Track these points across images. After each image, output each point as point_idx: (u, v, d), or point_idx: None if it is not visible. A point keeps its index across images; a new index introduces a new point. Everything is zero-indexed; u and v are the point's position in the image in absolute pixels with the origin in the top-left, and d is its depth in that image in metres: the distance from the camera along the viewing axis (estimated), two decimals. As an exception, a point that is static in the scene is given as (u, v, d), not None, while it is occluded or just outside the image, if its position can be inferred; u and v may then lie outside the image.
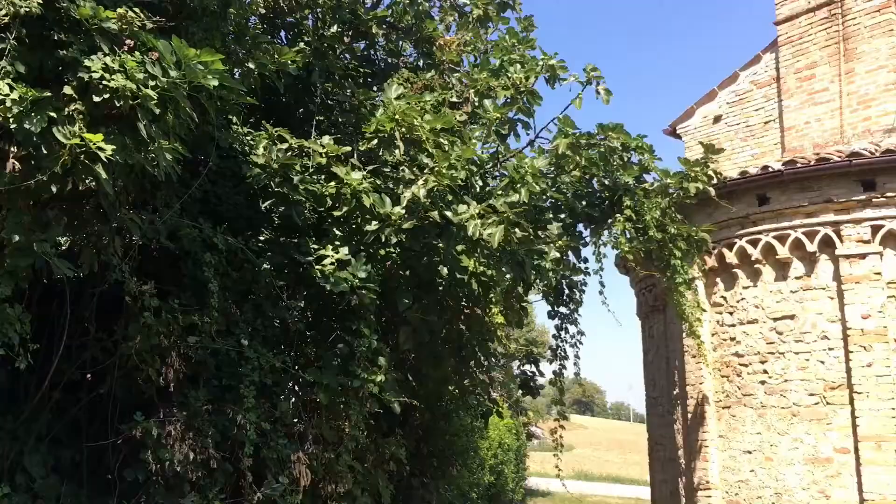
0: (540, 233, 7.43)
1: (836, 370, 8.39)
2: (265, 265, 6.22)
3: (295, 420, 6.51)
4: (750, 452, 8.91)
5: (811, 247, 8.69)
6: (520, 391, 10.60)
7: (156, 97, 4.10)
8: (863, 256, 8.36)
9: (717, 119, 13.03)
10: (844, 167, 8.46)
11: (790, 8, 11.92)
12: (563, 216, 7.51)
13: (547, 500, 27.40)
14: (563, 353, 8.86)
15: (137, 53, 4.21)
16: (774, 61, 12.16)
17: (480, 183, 7.09)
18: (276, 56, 5.88)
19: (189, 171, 5.77)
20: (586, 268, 8.31)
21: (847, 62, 11.11)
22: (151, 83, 4.12)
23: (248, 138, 6.31)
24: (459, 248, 6.55)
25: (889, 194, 8.32)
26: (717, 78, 13.10)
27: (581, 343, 8.30)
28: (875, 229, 8.37)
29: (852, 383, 8.19)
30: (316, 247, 6.26)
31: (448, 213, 6.42)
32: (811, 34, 11.64)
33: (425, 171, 6.09)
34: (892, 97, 10.59)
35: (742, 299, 9.26)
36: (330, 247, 6.19)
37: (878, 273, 8.30)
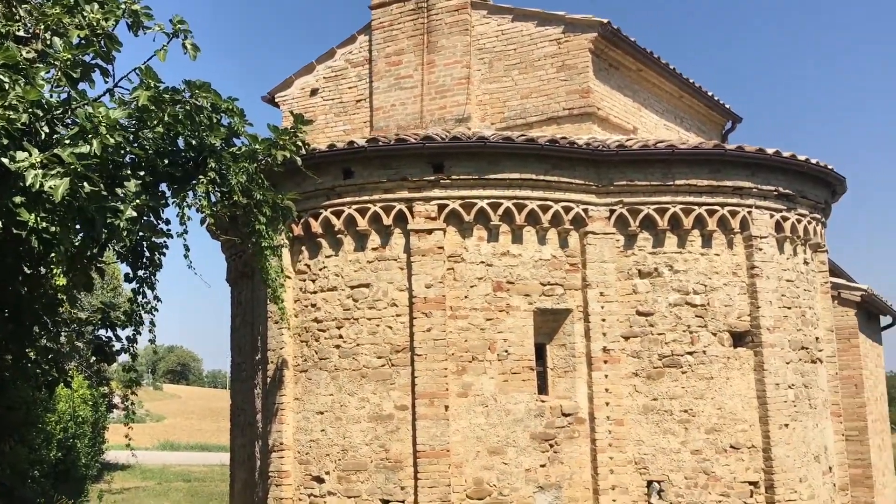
0: (118, 190, 6.96)
1: (401, 335, 9.17)
2: None
3: None
4: (322, 413, 9.38)
5: (387, 220, 9.35)
6: (93, 358, 9.89)
7: None
8: (430, 232, 9.22)
9: (314, 92, 13.39)
10: (419, 149, 9.22)
11: (384, -5, 12.64)
12: (142, 174, 7.09)
13: (126, 474, 26.13)
14: (138, 319, 8.45)
15: None
16: (368, 43, 12.81)
17: (47, 130, 6.39)
18: None
19: None
20: (169, 230, 8.00)
21: (429, 54, 12.10)
22: None
23: None
24: (18, 199, 5.86)
25: (454, 176, 9.26)
26: (320, 50, 13.41)
27: (157, 309, 7.94)
28: (441, 208, 9.27)
29: (414, 346, 9.03)
30: None
31: (4, 160, 5.70)
32: (401, 22, 12.47)
33: (-25, 110, 5.31)
34: (464, 90, 11.81)
35: (324, 267, 9.66)
36: None
37: (441, 247, 9.22)
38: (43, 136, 6.33)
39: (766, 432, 9.50)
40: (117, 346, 9.91)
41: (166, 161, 7.29)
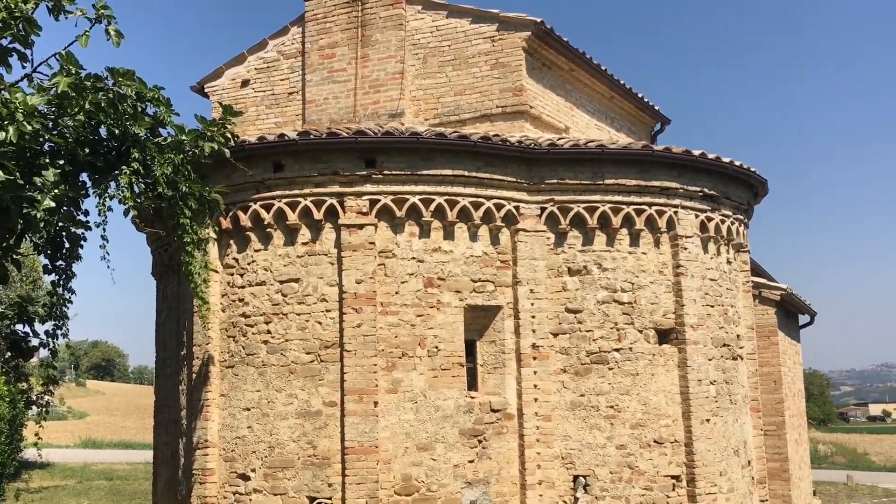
0: (35, 179, 6.71)
1: (331, 330, 9.08)
2: None
3: None
4: (249, 410, 9.23)
5: (318, 215, 9.25)
6: (9, 353, 9.54)
7: None
8: (361, 227, 9.15)
9: (245, 83, 13.16)
10: (351, 143, 9.14)
11: (318, -14, 12.48)
12: (62, 163, 6.85)
13: (46, 472, 25.31)
14: (59, 313, 8.18)
15: None
16: (301, 35, 12.65)
17: (-40, 115, 6.12)
18: None
19: None
20: (88, 221, 7.76)
21: (364, 47, 12.02)
22: None
23: None
24: (-74, 187, 5.60)
25: (386, 171, 9.21)
26: (251, 41, 13.18)
27: (71, 302, 7.70)
28: (373, 203, 9.21)
29: (343, 342, 8.95)
30: None
31: (-89, 145, 5.44)
32: (335, 15, 12.35)
33: None
34: (398, 85, 11.76)
35: (253, 262, 9.50)
36: None
37: (373, 243, 9.16)
38: (-45, 122, 6.07)
39: (688, 427, 9.73)
40: (35, 341, 9.60)
41: (87, 150, 7.06)
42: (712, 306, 10.37)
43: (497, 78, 11.51)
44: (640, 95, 14.71)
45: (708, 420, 9.91)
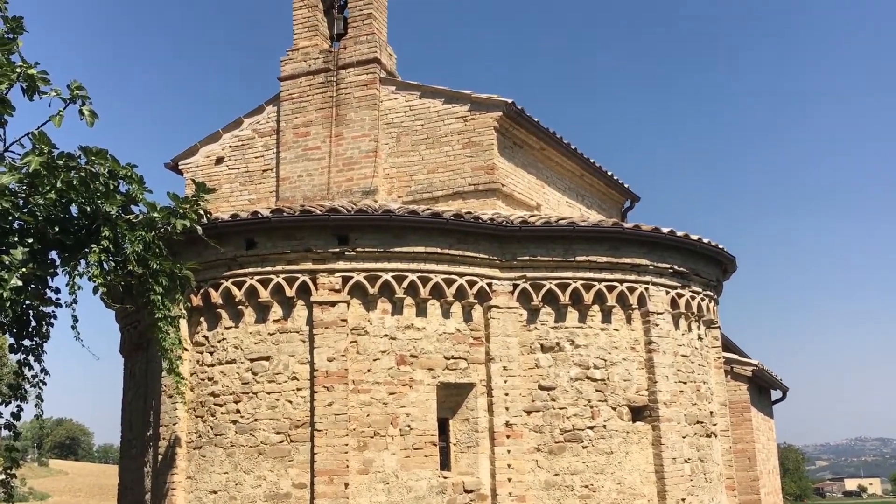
0: (3, 257, 6.65)
1: (301, 409, 8.94)
2: None
3: None
4: (216, 493, 8.98)
5: (290, 292, 9.20)
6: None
7: None
8: (333, 304, 9.11)
9: (219, 160, 13.25)
10: (324, 221, 9.18)
11: (293, 67, 12.73)
12: (31, 241, 6.81)
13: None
14: (23, 393, 8.01)
15: None
16: (276, 114, 12.82)
17: (-71, 193, 6.10)
18: None
19: None
20: (58, 299, 7.68)
21: (338, 126, 12.20)
22: None
23: None
24: None
25: (359, 249, 9.22)
26: (227, 119, 13.34)
27: (45, 383, 7.56)
28: (345, 280, 9.20)
29: (314, 422, 8.81)
30: None
31: None
32: (310, 95, 12.55)
33: None
34: (371, 163, 11.90)
35: (223, 339, 9.39)
36: None
37: (345, 320, 9.10)
38: (-77, 200, 6.04)
39: (664, 507, 9.60)
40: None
41: (57, 228, 7.04)
42: (685, 383, 10.38)
43: (469, 156, 11.70)
44: (609, 173, 14.99)
45: (683, 500, 9.79)
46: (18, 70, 6.37)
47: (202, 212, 8.46)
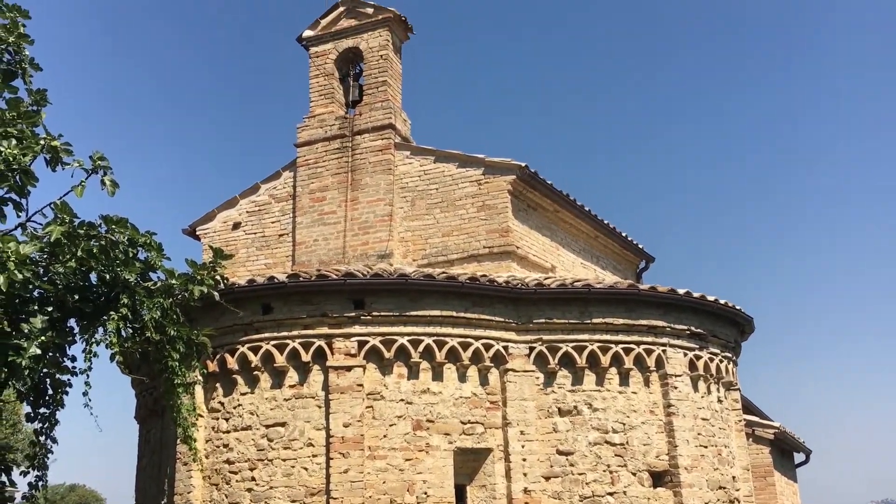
0: (23, 325, 6.70)
1: (317, 476, 8.84)
2: None
3: None
4: (230, 562, 8.83)
5: (306, 357, 9.19)
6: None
7: None
8: (349, 369, 9.08)
9: (236, 225, 13.39)
10: (340, 285, 9.22)
11: (309, 134, 12.94)
12: (50, 309, 6.86)
13: None
14: (41, 462, 7.97)
15: None
16: (293, 179, 12.99)
17: (-48, 264, 6.18)
18: None
19: None
20: (74, 366, 7.70)
21: (353, 191, 12.32)
22: None
23: None
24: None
25: (375, 313, 9.24)
26: (242, 185, 13.53)
27: (52, 452, 7.54)
28: (361, 344, 9.19)
29: (330, 489, 8.70)
30: None
31: None
32: (326, 160, 12.73)
33: None
34: (387, 227, 11.98)
35: (239, 405, 9.36)
36: None
37: (361, 385, 9.07)
38: (-53, 271, 6.11)
39: (688, 576, 9.35)
40: (17, 493, 9.27)
41: (76, 296, 7.09)
42: (706, 447, 10.21)
43: (484, 219, 11.77)
44: (624, 234, 15.02)
45: (708, 568, 9.54)
46: (42, 142, 6.50)
47: (219, 278, 8.51)
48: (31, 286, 6.56)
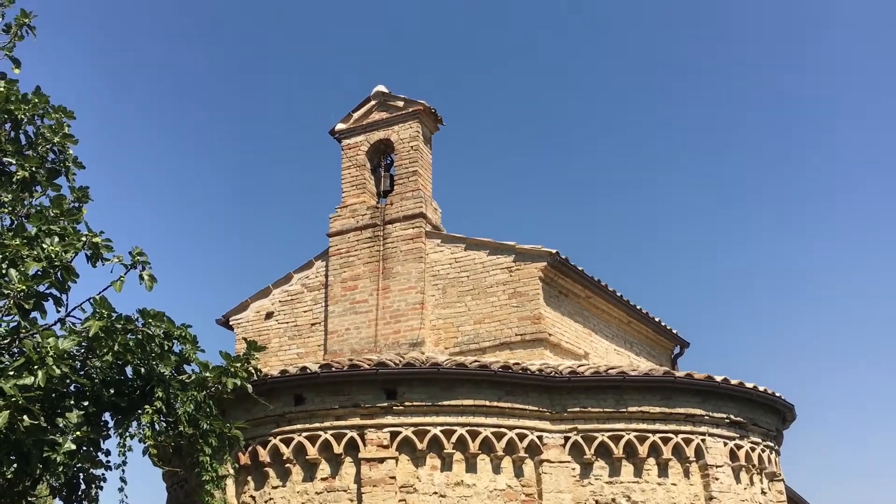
0: (58, 420, 6.74)
1: (349, 573, 8.62)
2: None
3: None
4: None
5: (338, 449, 9.10)
6: None
7: None
8: (381, 461, 8.96)
9: (269, 315, 13.48)
10: (372, 375, 9.18)
11: (342, 224, 13.13)
12: (86, 404, 6.91)
13: None
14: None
15: None
16: (325, 268, 13.12)
17: (-9, 359, 6.28)
18: None
19: None
20: (108, 461, 7.70)
21: (385, 279, 12.40)
22: None
23: None
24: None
25: (407, 403, 9.16)
26: (275, 275, 13.68)
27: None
28: (393, 435, 9.08)
29: (363, 587, 8.46)
30: None
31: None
32: (358, 249, 12.87)
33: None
34: (418, 315, 11.99)
35: (270, 499, 9.23)
36: None
37: (393, 477, 8.92)
38: (-14, 366, 6.20)
39: None
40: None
41: (112, 390, 7.14)
42: (751, 541, 9.83)
43: (515, 307, 11.74)
44: (657, 320, 14.87)
45: None
46: (84, 239, 6.67)
47: (252, 369, 8.54)
48: (68, 381, 6.63)
